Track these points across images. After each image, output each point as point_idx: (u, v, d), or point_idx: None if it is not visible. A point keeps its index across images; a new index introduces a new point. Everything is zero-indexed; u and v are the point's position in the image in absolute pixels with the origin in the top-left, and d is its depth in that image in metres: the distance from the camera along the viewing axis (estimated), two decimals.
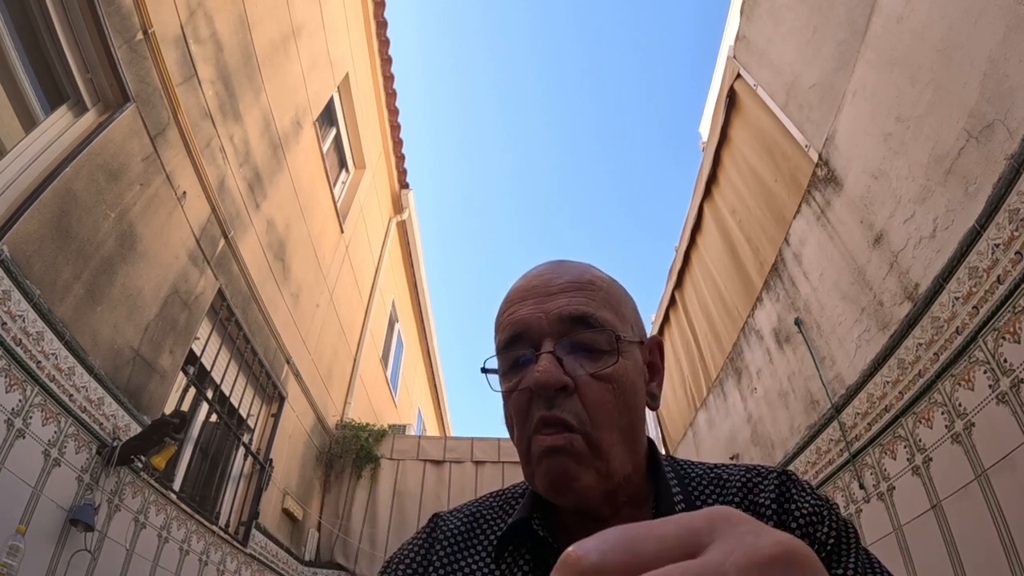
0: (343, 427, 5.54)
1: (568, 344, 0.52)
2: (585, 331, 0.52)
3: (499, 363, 0.56)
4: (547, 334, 0.52)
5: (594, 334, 0.52)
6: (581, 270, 0.57)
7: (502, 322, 0.56)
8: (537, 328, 0.52)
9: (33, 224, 2.05)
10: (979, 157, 1.92)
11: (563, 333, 0.52)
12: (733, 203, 3.99)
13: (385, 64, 6.25)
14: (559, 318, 0.52)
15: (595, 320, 0.52)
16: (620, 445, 0.51)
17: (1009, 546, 1.78)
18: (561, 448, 0.49)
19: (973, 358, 1.96)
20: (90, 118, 2.46)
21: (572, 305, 0.52)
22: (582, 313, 0.52)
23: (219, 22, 3.29)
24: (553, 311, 0.52)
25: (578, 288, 0.54)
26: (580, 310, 0.52)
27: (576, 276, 0.56)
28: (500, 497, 0.63)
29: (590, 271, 0.58)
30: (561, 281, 0.55)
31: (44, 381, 2.10)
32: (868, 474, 2.57)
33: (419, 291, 8.67)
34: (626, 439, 0.52)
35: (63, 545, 2.21)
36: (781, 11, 3.27)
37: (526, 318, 0.53)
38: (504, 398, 0.55)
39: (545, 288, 0.55)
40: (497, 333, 0.56)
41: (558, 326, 0.52)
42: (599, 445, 0.49)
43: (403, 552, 0.60)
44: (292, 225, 4.43)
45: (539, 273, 0.57)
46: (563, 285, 0.54)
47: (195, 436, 3.38)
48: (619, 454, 0.51)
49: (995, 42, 1.84)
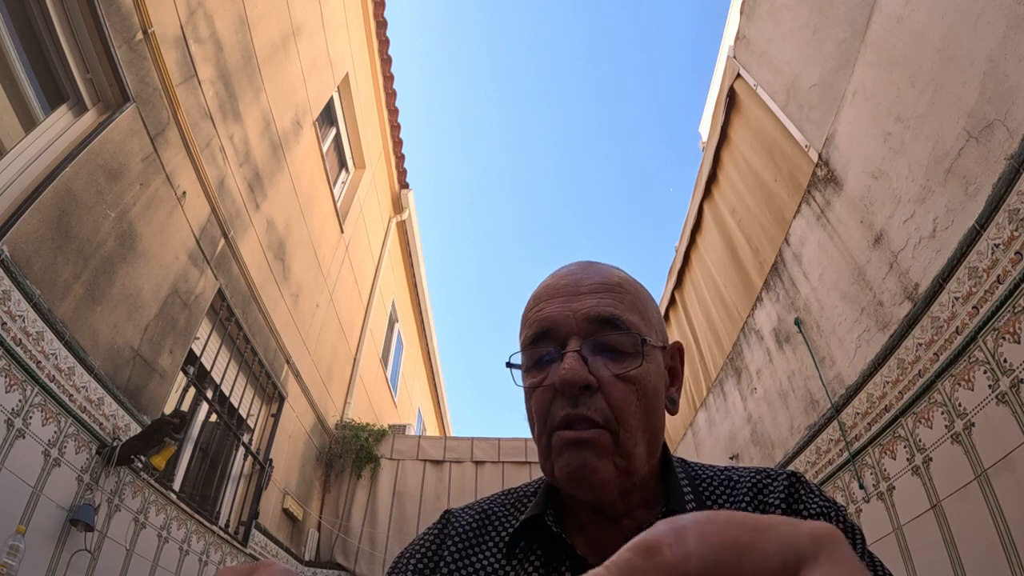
0: (343, 427, 5.54)
1: (593, 345, 0.52)
2: (612, 333, 0.52)
3: (523, 359, 0.56)
4: (574, 333, 0.52)
5: (620, 336, 0.52)
6: (610, 272, 0.58)
7: (529, 318, 0.56)
8: (565, 327, 0.53)
9: (33, 224, 2.05)
10: (979, 157, 1.92)
11: (590, 333, 0.52)
12: (733, 203, 3.99)
13: (385, 64, 6.25)
14: (587, 318, 0.52)
15: (622, 322, 0.52)
16: (642, 446, 0.52)
17: (1009, 546, 1.78)
18: (585, 441, 0.49)
19: (973, 358, 1.96)
20: (90, 118, 2.46)
21: (600, 306, 0.53)
22: (610, 315, 0.53)
23: (219, 22, 3.29)
24: (581, 311, 0.53)
25: (607, 290, 0.55)
26: (608, 312, 0.53)
27: (605, 278, 0.56)
28: (512, 495, 0.64)
29: (618, 273, 0.58)
30: (590, 282, 0.55)
31: (44, 381, 2.10)
32: (868, 474, 2.57)
33: (419, 291, 8.67)
34: (647, 441, 0.52)
35: (63, 545, 2.21)
36: (781, 11, 3.27)
37: (554, 316, 0.54)
38: (527, 393, 0.56)
39: (574, 288, 0.55)
40: (523, 329, 0.57)
41: (585, 326, 0.52)
42: (623, 443, 0.50)
43: (414, 548, 0.61)
44: (292, 225, 4.43)
45: (568, 272, 0.58)
46: (592, 286, 0.55)
47: (195, 436, 3.38)
48: (640, 454, 0.51)
49: (995, 42, 1.84)
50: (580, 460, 0.49)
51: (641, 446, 0.51)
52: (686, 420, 5.14)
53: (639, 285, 0.59)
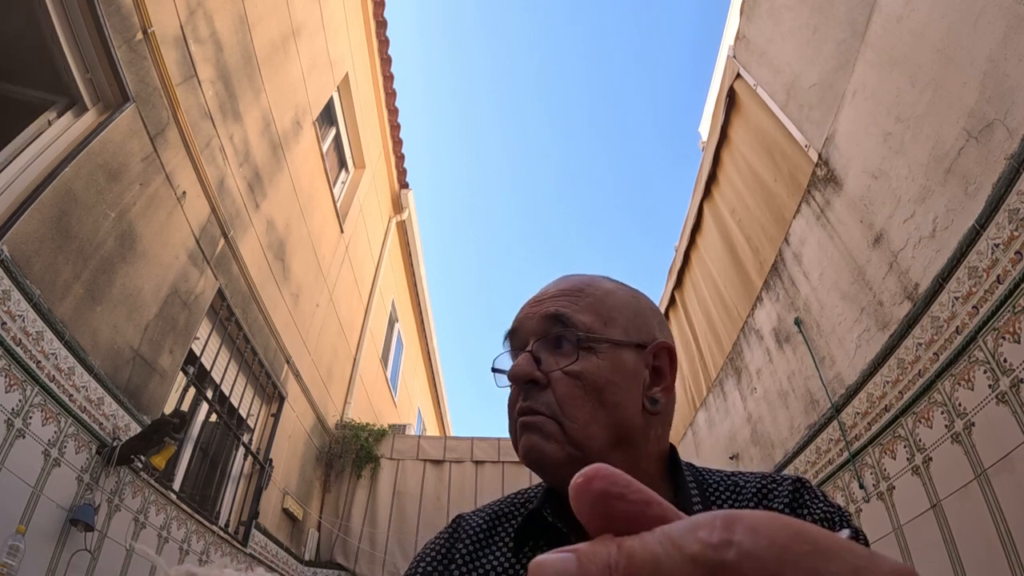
0: (343, 427, 5.54)
1: (545, 343, 0.56)
2: (558, 330, 0.56)
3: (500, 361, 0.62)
4: (533, 333, 0.57)
5: (563, 332, 0.56)
6: (581, 280, 0.61)
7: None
8: (527, 328, 0.58)
9: (33, 224, 2.05)
10: (979, 157, 1.92)
11: (543, 333, 0.57)
12: (733, 203, 3.99)
13: (385, 64, 6.25)
14: (541, 317, 0.57)
15: (567, 320, 0.56)
16: (600, 439, 0.53)
17: (1009, 546, 1.78)
18: (531, 424, 0.54)
19: (973, 358, 1.96)
20: (90, 118, 2.46)
21: (552, 307, 0.58)
22: (555, 312, 0.57)
23: (219, 22, 3.29)
24: (538, 313, 0.58)
25: (566, 294, 0.59)
26: (555, 310, 0.57)
27: (571, 285, 0.60)
28: (521, 495, 0.66)
29: (591, 281, 0.61)
30: (555, 289, 0.60)
31: (44, 381, 2.10)
32: (868, 474, 2.57)
33: (419, 291, 8.67)
34: (607, 433, 0.53)
35: (63, 545, 2.21)
36: (781, 11, 3.27)
37: (520, 319, 0.60)
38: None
39: (543, 294, 0.61)
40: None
41: (541, 325, 0.57)
42: (571, 434, 0.53)
43: (425, 551, 0.63)
44: (292, 225, 4.42)
45: (547, 284, 0.63)
46: (555, 292, 0.60)
47: (195, 436, 3.38)
48: (598, 447, 0.53)
49: (995, 42, 1.84)
50: (529, 442, 0.54)
51: (599, 439, 0.53)
52: (686, 420, 5.14)
53: (615, 290, 0.61)
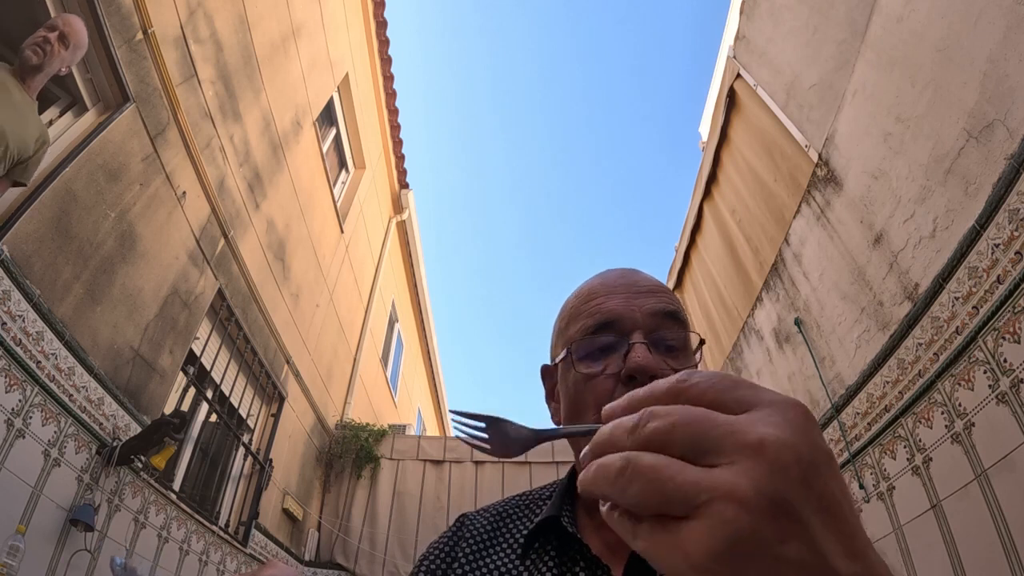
0: (343, 427, 5.54)
1: (655, 339, 0.54)
2: (674, 328, 0.55)
3: (576, 349, 0.57)
4: (639, 326, 0.54)
5: (680, 333, 0.55)
6: (657, 280, 0.61)
7: (584, 311, 0.58)
8: (629, 319, 0.55)
9: (33, 224, 2.05)
10: (979, 157, 1.92)
11: (653, 328, 0.54)
12: (733, 203, 3.99)
13: (385, 64, 6.25)
14: (652, 313, 0.55)
15: (685, 321, 0.55)
16: None
17: (1009, 546, 1.78)
18: None
19: (973, 358, 1.96)
20: (90, 118, 2.46)
21: (663, 303, 0.56)
22: (674, 309, 0.56)
23: (219, 22, 3.29)
24: (646, 306, 0.55)
25: (664, 291, 0.58)
26: (673, 307, 0.56)
27: (657, 284, 0.60)
28: (526, 497, 0.66)
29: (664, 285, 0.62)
30: (648, 283, 0.59)
31: (44, 381, 2.10)
32: (868, 474, 2.57)
33: (419, 291, 8.67)
34: None
35: (63, 545, 2.21)
36: (781, 11, 3.27)
37: (617, 309, 0.56)
38: (580, 383, 0.56)
39: (634, 286, 0.58)
40: (576, 321, 0.58)
41: (649, 320, 0.55)
42: None
43: (428, 551, 0.63)
44: (292, 225, 4.42)
45: (622, 274, 0.61)
46: (651, 286, 0.58)
47: (195, 436, 3.38)
48: None
49: (995, 42, 1.84)
50: None
51: None
52: None
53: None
